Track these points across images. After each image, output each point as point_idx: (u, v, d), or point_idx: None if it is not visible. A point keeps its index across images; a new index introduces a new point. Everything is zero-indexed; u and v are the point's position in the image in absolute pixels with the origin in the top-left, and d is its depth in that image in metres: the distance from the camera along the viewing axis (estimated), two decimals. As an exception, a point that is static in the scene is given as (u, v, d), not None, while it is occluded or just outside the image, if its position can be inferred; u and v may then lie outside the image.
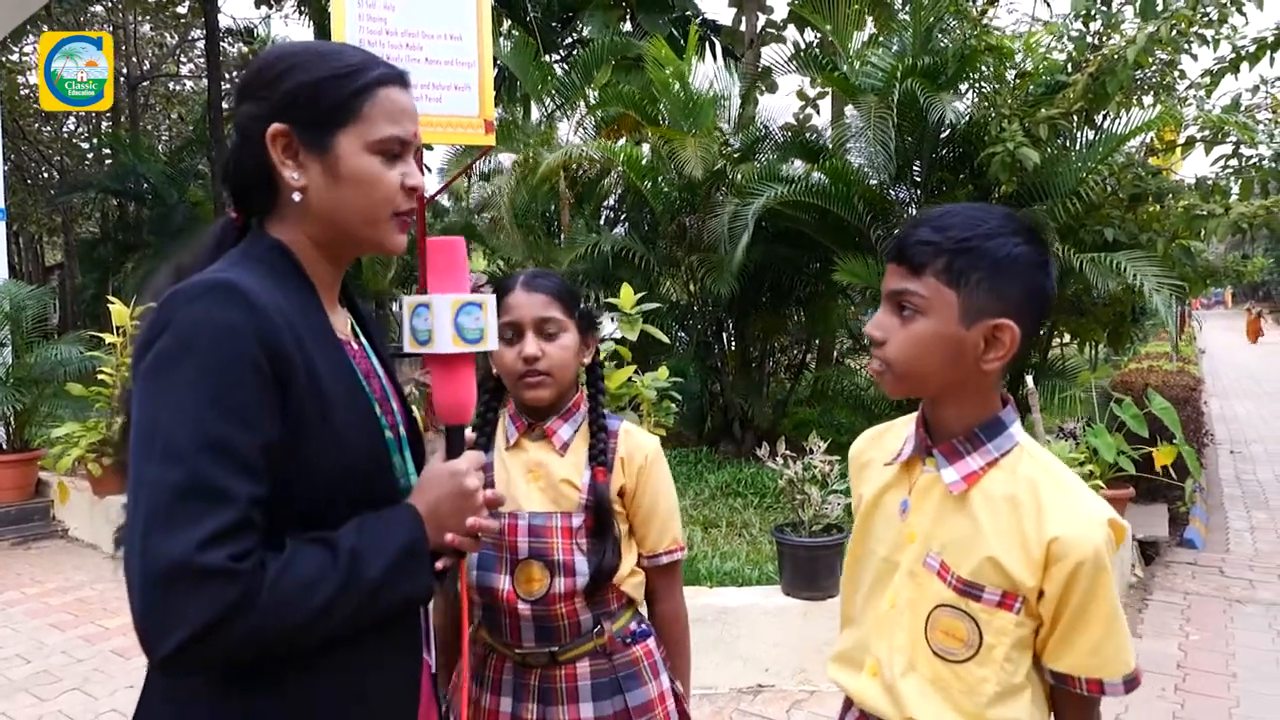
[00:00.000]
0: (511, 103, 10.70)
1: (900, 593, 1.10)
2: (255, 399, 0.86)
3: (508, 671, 1.39)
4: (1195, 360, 11.69)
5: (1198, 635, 3.96)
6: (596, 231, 7.55)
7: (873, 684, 1.12)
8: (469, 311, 1.03)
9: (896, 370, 1.05)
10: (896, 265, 1.05)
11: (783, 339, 7.41)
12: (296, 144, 0.96)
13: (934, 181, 5.72)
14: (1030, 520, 1.01)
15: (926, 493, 1.09)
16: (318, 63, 0.98)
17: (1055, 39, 5.32)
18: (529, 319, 1.36)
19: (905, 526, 1.11)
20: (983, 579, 1.02)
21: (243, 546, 0.83)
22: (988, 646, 1.02)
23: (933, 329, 1.02)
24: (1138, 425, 4.77)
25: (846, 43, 5.93)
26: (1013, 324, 1.01)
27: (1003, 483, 1.04)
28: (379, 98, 0.98)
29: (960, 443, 1.06)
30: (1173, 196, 5.46)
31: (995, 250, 1.00)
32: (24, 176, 18.20)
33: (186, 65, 19.70)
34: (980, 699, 1.03)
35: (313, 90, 0.96)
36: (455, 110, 4.30)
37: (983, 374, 1.04)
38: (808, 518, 3.45)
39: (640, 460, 1.43)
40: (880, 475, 1.17)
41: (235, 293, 0.88)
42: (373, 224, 1.00)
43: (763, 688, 3.35)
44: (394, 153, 0.99)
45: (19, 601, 4.66)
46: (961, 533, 1.05)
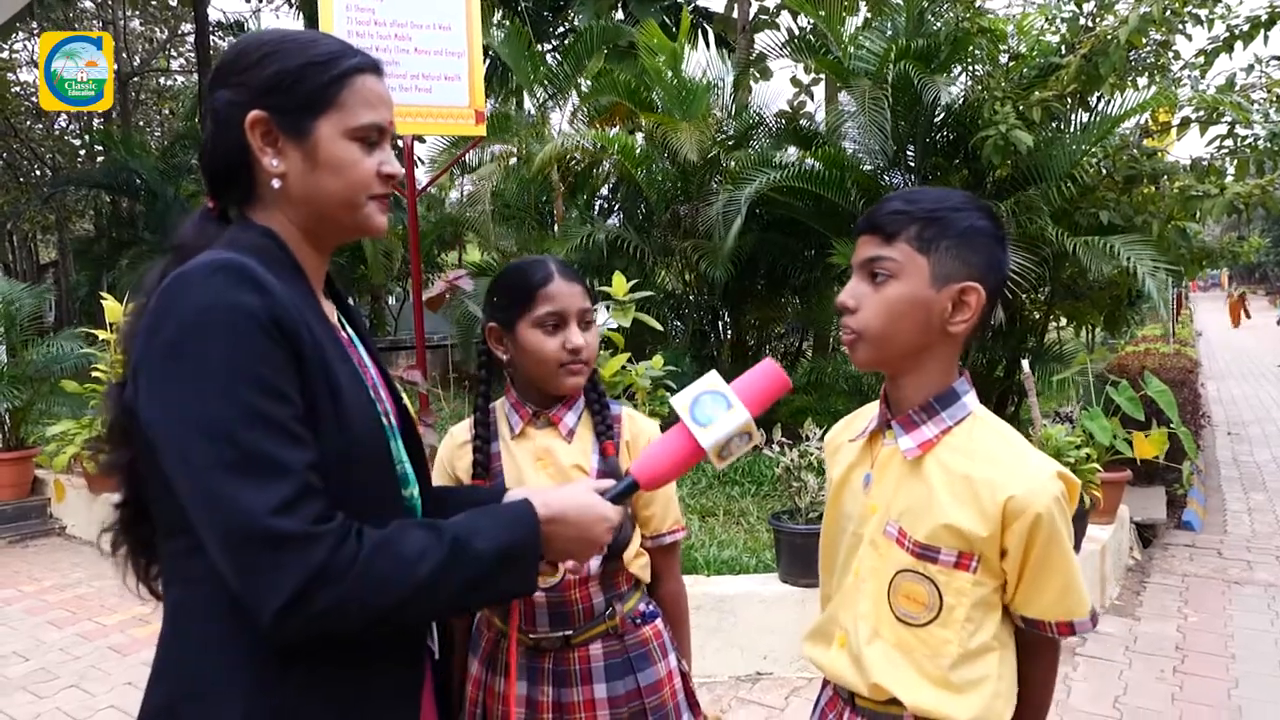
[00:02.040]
0: (505, 94, 10.65)
1: (864, 562, 1.14)
2: (281, 373, 0.86)
3: (521, 656, 1.40)
4: (1192, 343, 11.69)
5: (1196, 617, 3.97)
6: (590, 222, 7.52)
7: (841, 655, 1.16)
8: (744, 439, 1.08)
9: (869, 335, 1.10)
10: (869, 236, 1.11)
11: (779, 327, 7.40)
12: (276, 131, 0.96)
13: (928, 166, 5.69)
14: (983, 482, 1.07)
15: (886, 464, 1.15)
16: (296, 50, 0.97)
17: (1047, 21, 5.28)
18: (574, 309, 1.38)
19: (868, 499, 1.16)
20: (938, 541, 1.07)
21: (315, 510, 0.83)
22: (948, 608, 1.07)
23: (906, 291, 1.08)
24: (1134, 408, 4.76)
25: (838, 27, 5.90)
26: (979, 287, 1.08)
27: (956, 448, 1.10)
28: (356, 85, 0.98)
29: (916, 413, 1.12)
30: (1168, 178, 5.44)
31: (961, 221, 1.08)
32: (16, 174, 18.11)
33: (176, 60, 19.58)
34: (944, 660, 1.07)
35: (292, 77, 0.95)
36: (445, 101, 4.27)
37: (948, 338, 1.10)
38: (804, 505, 3.45)
39: (644, 443, 1.45)
40: (847, 454, 1.23)
41: (244, 272, 0.87)
42: (351, 208, 0.99)
43: (761, 675, 3.35)
44: (371, 140, 0.99)
45: (16, 599, 4.66)
46: (917, 498, 1.10)
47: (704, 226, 6.03)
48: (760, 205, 5.80)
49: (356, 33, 4.11)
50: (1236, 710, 3.08)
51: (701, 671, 3.27)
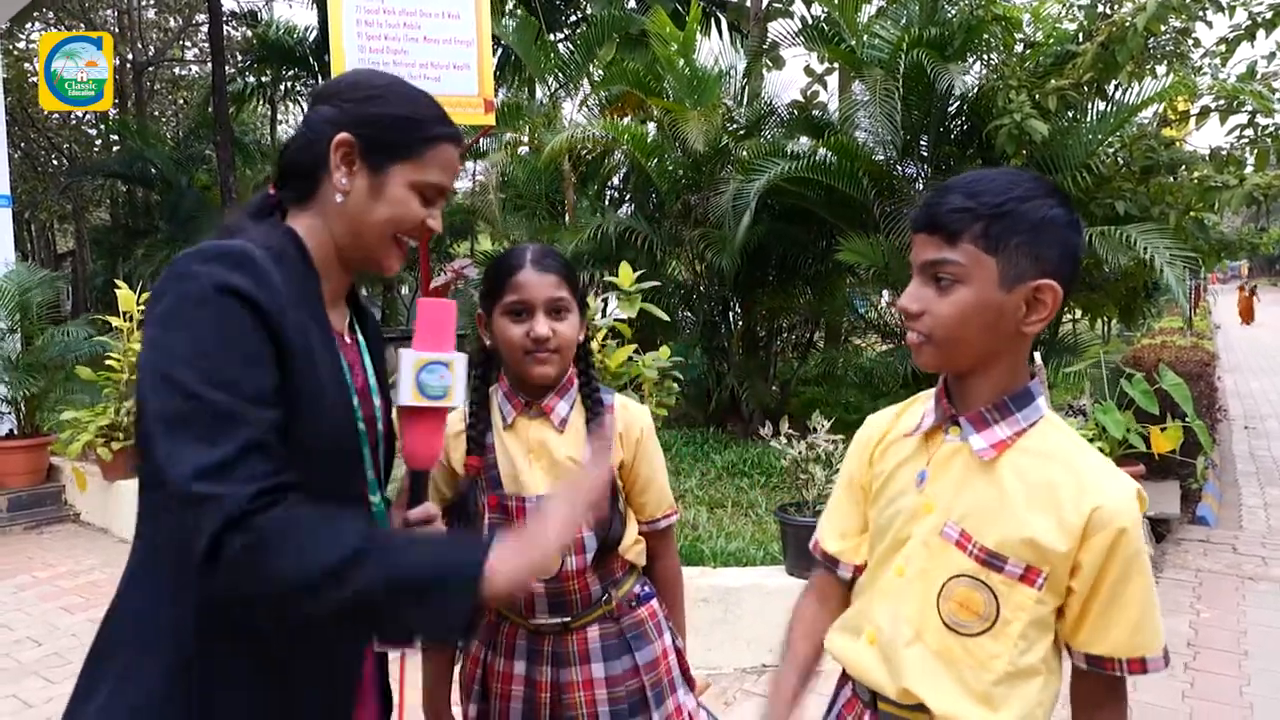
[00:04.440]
0: (517, 83, 10.63)
1: (912, 562, 1.08)
2: (260, 351, 0.92)
3: (521, 638, 1.43)
4: (1210, 335, 11.56)
5: (1209, 613, 3.93)
6: (601, 212, 7.51)
7: (869, 651, 1.10)
8: (433, 370, 1.10)
9: (937, 340, 1.03)
10: (929, 235, 1.03)
11: (789, 318, 7.36)
12: (356, 157, 1.07)
13: (941, 156, 5.64)
14: (1068, 490, 0.99)
15: (946, 463, 1.07)
16: (404, 102, 1.10)
17: (1064, 8, 5.21)
18: (540, 299, 1.36)
19: (922, 497, 1.09)
20: (1008, 550, 1.00)
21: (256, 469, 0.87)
22: (1004, 621, 1.00)
23: (974, 296, 1.00)
24: (1148, 402, 4.70)
25: (852, 16, 5.83)
26: (1055, 284, 1.00)
27: (1031, 452, 1.03)
28: (439, 150, 1.11)
29: (988, 411, 1.05)
30: (1186, 168, 5.36)
31: (1032, 213, 0.99)
32: (34, 164, 18.27)
33: (191, 50, 19.66)
34: (988, 675, 1.01)
35: (391, 122, 1.08)
36: (454, 89, 4.26)
37: (1021, 339, 1.03)
38: (811, 497, 3.43)
39: (636, 434, 1.46)
40: (899, 450, 1.15)
41: (246, 259, 0.95)
42: (384, 242, 1.10)
43: (767, 668, 3.34)
44: (430, 196, 1.11)
45: (30, 585, 4.71)
46: (986, 502, 1.03)
47: (714, 216, 6.00)
48: (771, 195, 5.76)
49: (366, 20, 4.10)
50: (1249, 708, 3.05)
51: (707, 663, 3.27)
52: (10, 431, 6.49)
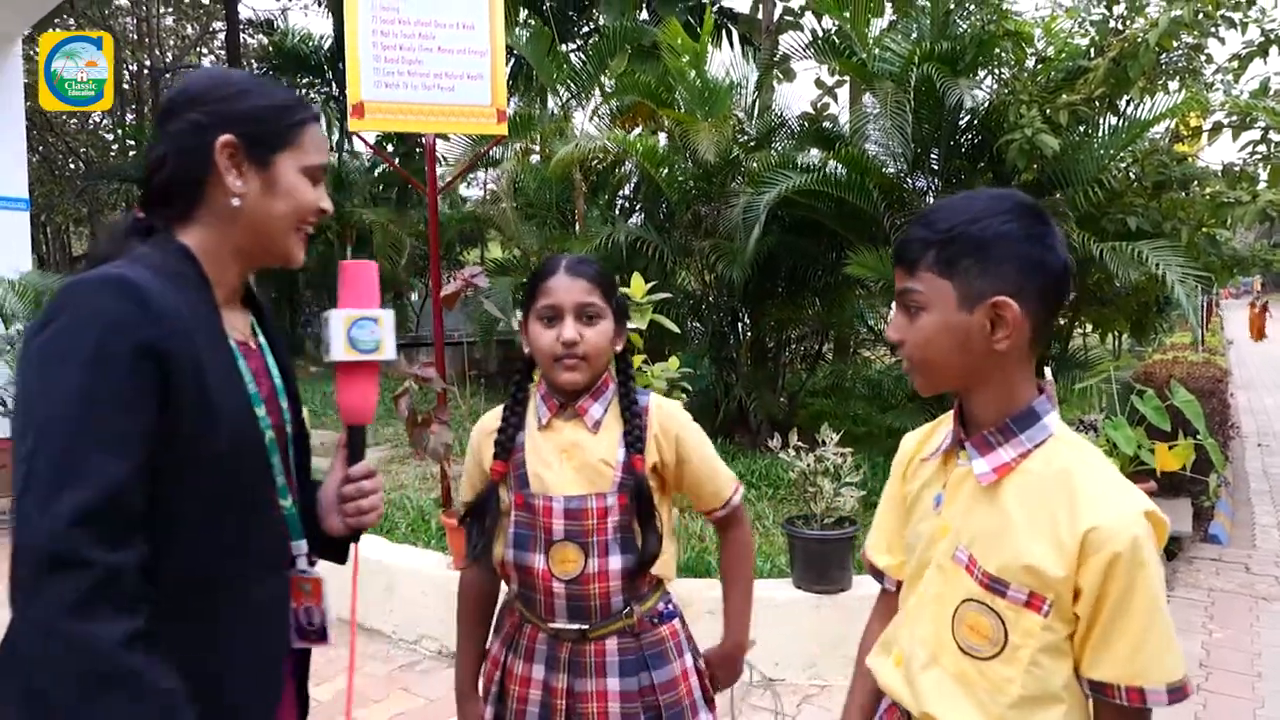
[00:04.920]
0: (528, 93, 10.68)
1: (929, 586, 1.10)
2: (135, 387, 0.92)
3: (541, 642, 1.43)
4: (1222, 351, 11.48)
5: (1221, 633, 3.89)
6: (611, 221, 7.52)
7: (895, 673, 1.13)
8: (363, 325, 1.15)
9: (916, 366, 1.08)
10: (898, 266, 1.08)
11: (798, 329, 7.35)
12: (242, 156, 1.08)
13: (951, 169, 5.64)
14: (1063, 510, 0.98)
15: (959, 486, 1.09)
16: (266, 92, 1.12)
17: (1076, 23, 5.21)
18: (570, 303, 1.39)
19: (939, 520, 1.10)
20: (1009, 576, 1.00)
21: (107, 527, 0.87)
22: (1013, 646, 1.00)
23: (936, 320, 1.03)
24: (1159, 418, 4.67)
25: (863, 29, 5.84)
26: (1010, 300, 1.00)
27: (1034, 474, 1.02)
28: (311, 131, 1.14)
29: (991, 434, 1.05)
30: (1198, 184, 5.35)
31: (981, 233, 1.01)
32: (51, 168, 18.46)
33: (207, 57, 19.84)
34: (1004, 699, 1.00)
35: (263, 114, 1.10)
36: (468, 99, 4.29)
37: (999, 356, 1.02)
38: (819, 510, 3.42)
39: (675, 430, 1.46)
40: (923, 472, 1.18)
41: (129, 288, 0.94)
42: (288, 234, 1.13)
43: (773, 681, 3.33)
44: (317, 178, 1.15)
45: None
46: (990, 526, 1.03)
47: (724, 228, 6.01)
48: (781, 207, 5.77)
49: (381, 31, 4.14)
50: (1260, 729, 3.02)
51: (712, 675, 3.26)
52: (22, 434, 6.53)
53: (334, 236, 12.12)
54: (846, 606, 3.33)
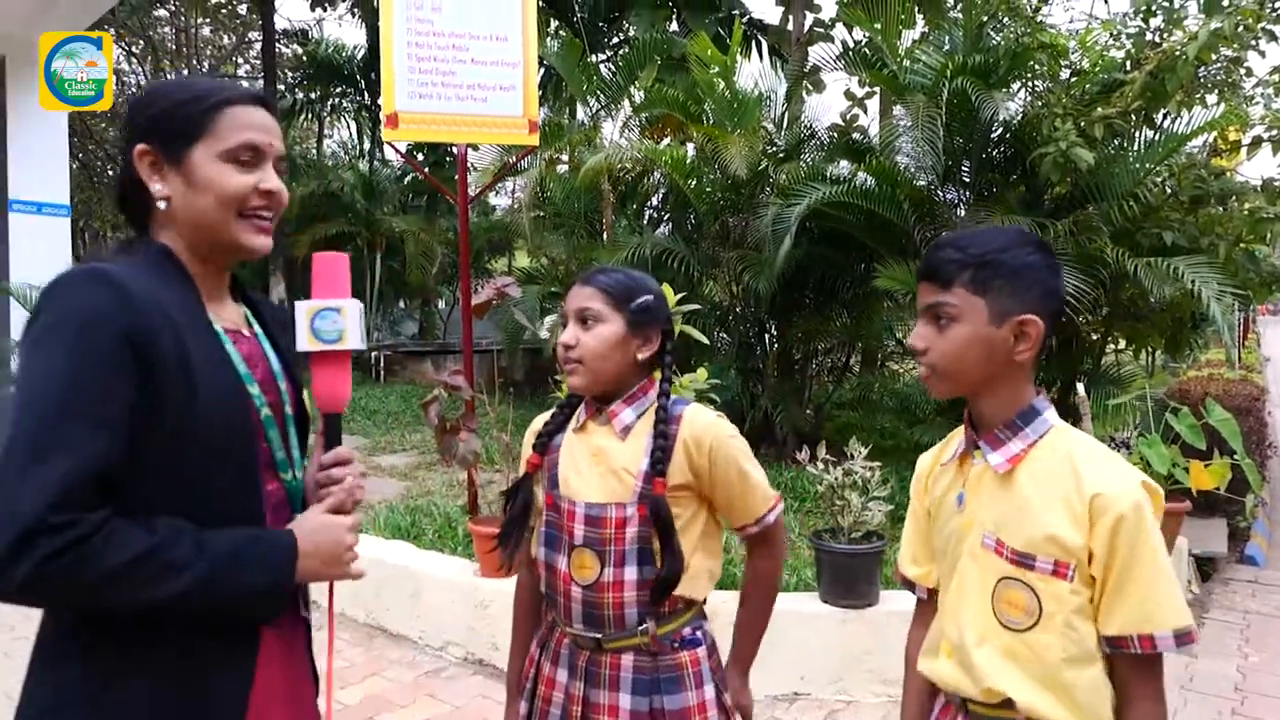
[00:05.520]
0: (558, 103, 10.76)
1: (966, 574, 1.21)
2: (114, 372, 0.98)
3: (565, 646, 1.44)
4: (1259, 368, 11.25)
5: (1257, 656, 3.80)
6: (639, 232, 7.55)
7: (948, 664, 1.22)
8: (325, 316, 1.17)
9: (940, 372, 1.20)
10: (928, 283, 1.21)
11: (826, 341, 7.32)
12: (160, 159, 1.11)
13: (983, 182, 5.59)
14: (1070, 484, 1.12)
15: (979, 482, 1.22)
16: (176, 91, 1.14)
17: (1112, 37, 5.15)
18: (572, 309, 1.44)
19: (963, 516, 1.23)
20: (1034, 549, 1.13)
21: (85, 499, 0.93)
22: (1048, 614, 1.12)
23: (968, 331, 1.17)
24: (1194, 437, 4.59)
25: (895, 41, 5.82)
26: (1036, 318, 1.16)
27: (1042, 460, 1.17)
28: (227, 114, 1.12)
29: (1001, 431, 1.20)
30: (1236, 199, 5.25)
31: (1011, 260, 1.17)
32: (90, 175, 18.87)
33: (243, 67, 20.20)
34: (1048, 663, 1.11)
35: (170, 112, 1.11)
36: (500, 110, 4.34)
37: (1015, 365, 1.18)
38: (847, 524, 3.40)
39: (709, 442, 1.41)
40: (943, 479, 1.31)
41: (106, 279, 1.01)
42: (222, 223, 1.12)
43: (798, 695, 3.31)
44: (245, 159, 1.12)
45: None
46: (1010, 509, 1.17)
47: (752, 239, 6.01)
48: (810, 218, 5.75)
49: (416, 43, 4.20)
50: (1299, 757, 2.94)
51: (738, 688, 3.24)
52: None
53: (364, 243, 12.27)
54: (873, 621, 3.30)
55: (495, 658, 3.57)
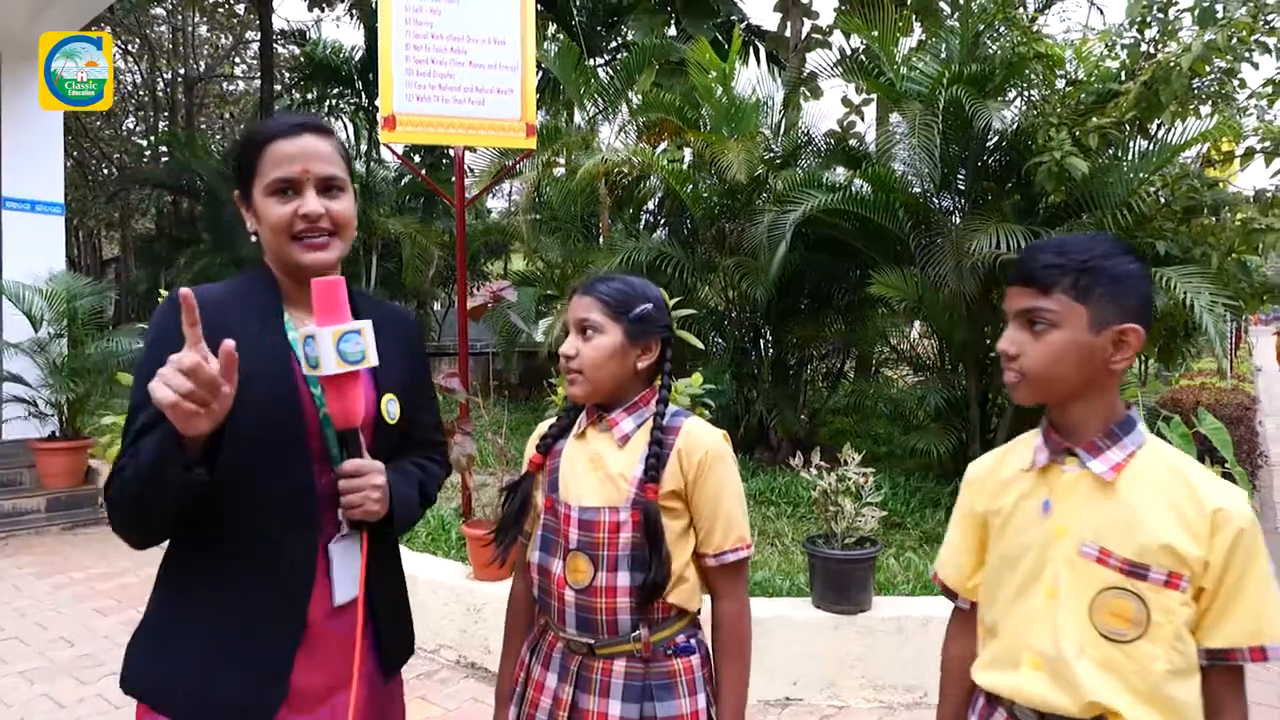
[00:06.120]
0: (556, 107, 10.77)
1: (1060, 583, 1.17)
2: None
3: (557, 650, 1.44)
4: (1250, 378, 11.32)
5: (1246, 664, 3.82)
6: (635, 236, 7.56)
7: (1035, 676, 1.17)
8: (349, 339, 1.23)
9: (1033, 378, 1.18)
10: (1023, 287, 1.19)
11: (821, 347, 7.33)
12: (242, 202, 1.33)
13: (978, 190, 5.62)
14: (1185, 498, 1.12)
15: (1070, 489, 1.19)
16: (242, 138, 1.35)
17: (1107, 47, 5.18)
18: (572, 320, 1.46)
19: (1053, 524, 1.19)
20: (1148, 559, 1.11)
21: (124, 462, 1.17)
22: (1156, 625, 1.10)
23: (1067, 338, 1.15)
24: (1185, 446, 4.60)
25: (891, 49, 5.85)
26: (1137, 327, 1.15)
27: (1146, 470, 1.16)
28: (267, 153, 1.28)
29: (1100, 440, 1.18)
30: (1229, 209, 5.29)
31: (1114, 268, 1.15)
32: (85, 173, 18.81)
33: (240, 66, 20.18)
34: (1153, 676, 1.10)
35: (238, 160, 1.33)
36: (497, 114, 4.34)
37: (1110, 375, 1.17)
38: (840, 530, 3.41)
39: (699, 456, 1.41)
40: (1017, 486, 1.26)
41: (173, 300, 1.21)
42: (282, 249, 1.30)
43: (790, 701, 3.31)
44: (283, 190, 1.28)
45: (66, 586, 4.81)
46: (1116, 518, 1.14)
47: (748, 245, 6.02)
48: (805, 224, 5.77)
49: (414, 45, 4.20)
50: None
51: (730, 693, 3.24)
52: (52, 433, 6.65)
53: (359, 245, 12.24)
54: (866, 627, 3.31)
55: (488, 661, 3.56)
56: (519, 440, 6.95)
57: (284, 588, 1.25)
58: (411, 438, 1.45)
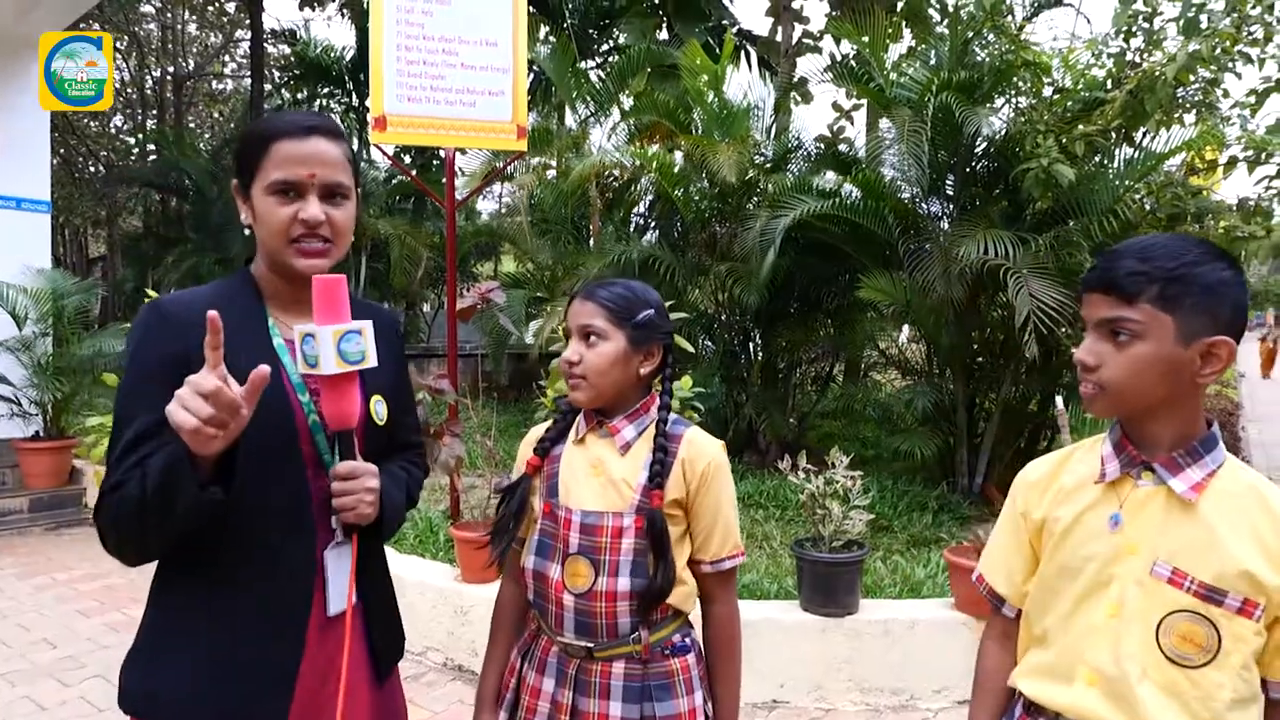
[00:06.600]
0: (548, 109, 10.78)
1: (1127, 602, 1.12)
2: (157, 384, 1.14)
3: (552, 654, 1.44)
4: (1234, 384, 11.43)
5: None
6: (626, 238, 7.57)
7: (1091, 693, 1.13)
8: (350, 339, 1.20)
9: (1113, 391, 1.13)
10: (1104, 295, 1.12)
11: (810, 351, 7.36)
12: (240, 194, 1.30)
13: (966, 196, 5.66)
14: (1264, 521, 1.08)
15: (1143, 506, 1.14)
16: (248, 130, 1.31)
17: (1094, 56, 5.23)
18: (575, 325, 1.45)
19: (1122, 539, 1.14)
20: (1226, 584, 1.07)
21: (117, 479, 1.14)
22: (1225, 652, 1.06)
23: (1152, 350, 1.08)
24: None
25: (881, 55, 5.89)
26: (1229, 340, 1.08)
27: (1226, 492, 1.10)
28: (272, 152, 1.25)
29: (1180, 456, 1.12)
30: (1213, 217, 5.34)
31: (1205, 276, 1.08)
32: (71, 170, 18.66)
33: (229, 65, 20.09)
34: (1216, 705, 1.06)
35: (240, 152, 1.29)
36: (489, 115, 4.34)
37: (1195, 389, 1.11)
38: (828, 533, 3.42)
39: (703, 466, 1.43)
40: (1081, 496, 1.20)
41: (154, 308, 1.24)
42: (277, 250, 1.27)
43: (778, 703, 3.32)
44: (284, 191, 1.25)
45: (49, 587, 4.77)
46: (1194, 539, 1.09)
47: (739, 249, 6.04)
48: (795, 229, 5.79)
49: (406, 46, 4.20)
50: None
51: (717, 696, 3.25)
52: (37, 433, 6.59)
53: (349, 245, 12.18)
54: (854, 630, 3.32)
55: (475, 664, 3.56)
56: (508, 442, 6.94)
57: (283, 597, 1.24)
58: (394, 439, 1.44)
